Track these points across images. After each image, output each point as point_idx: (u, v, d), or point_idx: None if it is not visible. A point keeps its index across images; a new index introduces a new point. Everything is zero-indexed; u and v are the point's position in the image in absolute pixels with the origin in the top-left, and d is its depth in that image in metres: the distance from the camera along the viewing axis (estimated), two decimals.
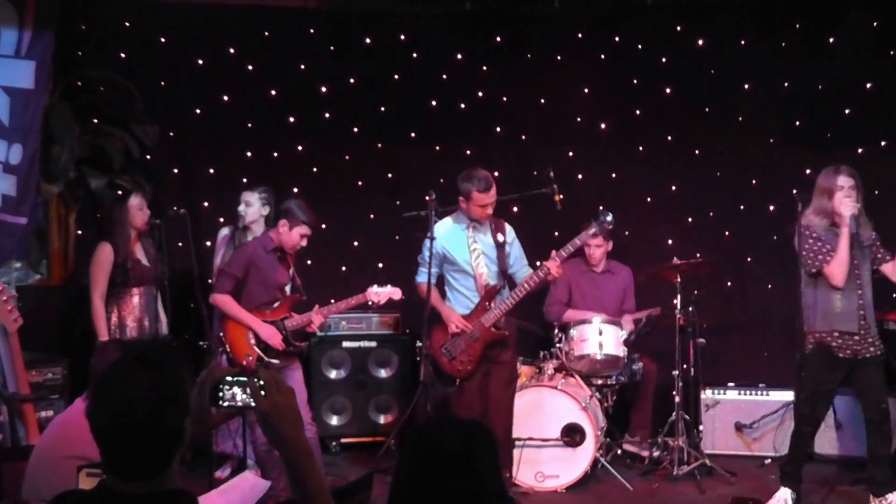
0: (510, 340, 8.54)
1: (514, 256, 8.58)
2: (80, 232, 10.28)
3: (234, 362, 8.17)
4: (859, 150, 10.62)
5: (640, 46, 10.90)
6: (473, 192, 8.25)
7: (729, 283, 10.92)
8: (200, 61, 10.67)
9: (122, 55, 10.44)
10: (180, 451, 3.13)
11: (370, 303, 8.49)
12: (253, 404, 3.18)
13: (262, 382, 3.17)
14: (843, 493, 8.81)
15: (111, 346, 8.12)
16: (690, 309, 9.59)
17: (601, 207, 8.63)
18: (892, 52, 10.47)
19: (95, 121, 10.01)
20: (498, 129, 11.17)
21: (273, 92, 10.82)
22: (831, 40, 10.53)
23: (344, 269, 10.84)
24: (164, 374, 3.09)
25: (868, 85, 10.56)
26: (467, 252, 8.43)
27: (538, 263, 8.36)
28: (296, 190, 10.12)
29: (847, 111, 10.62)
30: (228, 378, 3.23)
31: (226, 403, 3.24)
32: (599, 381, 9.64)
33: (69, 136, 9.61)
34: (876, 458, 8.11)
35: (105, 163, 9.92)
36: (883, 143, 10.60)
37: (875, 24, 10.43)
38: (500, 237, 8.49)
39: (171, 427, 3.08)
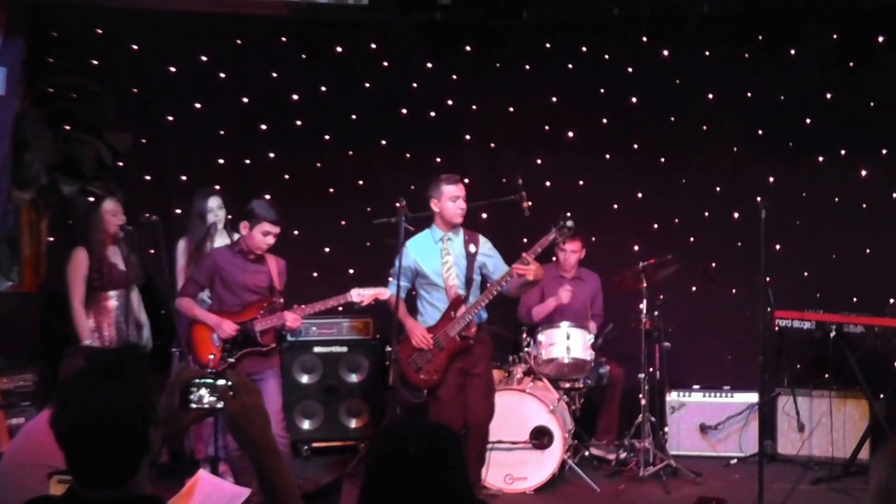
0: (484, 352, 8.54)
1: (493, 266, 8.54)
2: (51, 238, 10.27)
3: (198, 363, 8.21)
4: (820, 159, 10.84)
5: (606, 57, 11.00)
6: (443, 185, 8.32)
7: (694, 289, 11.04)
8: (172, 69, 10.66)
9: (94, 62, 10.45)
10: (148, 458, 3.14)
11: (339, 307, 8.57)
12: (221, 405, 3.20)
13: (230, 383, 3.18)
14: (805, 492, 9.00)
15: (81, 353, 8.22)
16: (656, 313, 9.75)
17: (566, 213, 8.68)
18: (850, 64, 10.65)
19: (67, 127, 10.02)
20: (467, 136, 11.27)
21: (245, 99, 10.87)
22: (792, 52, 10.71)
23: (315, 274, 10.85)
24: (127, 382, 3.08)
25: (828, 95, 10.75)
26: (439, 263, 8.43)
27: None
28: (268, 197, 10.16)
29: (808, 121, 10.81)
30: (197, 380, 3.24)
31: (194, 405, 3.24)
32: (567, 385, 9.74)
33: (41, 143, 9.62)
34: None
35: (77, 169, 9.91)
36: (843, 152, 10.80)
37: (834, 36, 10.63)
38: (471, 248, 8.47)
39: (134, 436, 3.08)
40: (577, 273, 10.30)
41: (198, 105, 10.79)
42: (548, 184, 11.03)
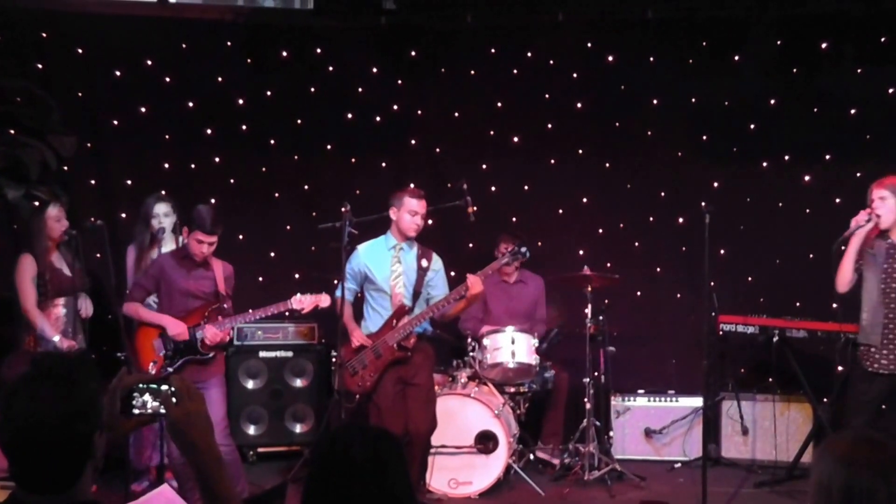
0: (424, 362, 8.52)
1: (436, 281, 8.57)
2: None
3: (140, 370, 8.12)
4: (764, 164, 10.91)
5: (551, 62, 11.03)
6: (405, 197, 8.33)
7: (638, 293, 11.06)
8: (118, 72, 10.64)
9: (39, 66, 10.40)
10: (91, 464, 3.09)
11: (286, 312, 8.51)
12: (163, 411, 3.18)
13: (173, 389, 3.17)
14: (748, 495, 9.07)
15: (23, 358, 8.14)
16: (601, 318, 9.75)
17: (523, 245, 8.74)
18: (794, 70, 10.73)
19: (12, 131, 9.94)
20: (413, 141, 11.27)
21: (190, 104, 10.84)
22: (736, 58, 10.75)
23: (261, 279, 10.84)
24: (72, 387, 3.04)
25: (772, 101, 10.82)
26: (388, 270, 8.43)
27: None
28: (213, 201, 10.13)
29: (752, 126, 10.87)
30: (140, 385, 3.21)
31: (137, 411, 3.21)
32: (512, 389, 9.74)
33: None
34: None
35: (22, 174, 9.84)
36: (787, 158, 10.87)
37: (778, 42, 10.71)
38: (423, 262, 8.49)
39: (79, 441, 3.03)
40: (519, 277, 10.32)
41: (143, 109, 10.75)
42: (493, 189, 11.09)
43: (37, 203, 9.29)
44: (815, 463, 3.28)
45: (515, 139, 11.22)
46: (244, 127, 10.98)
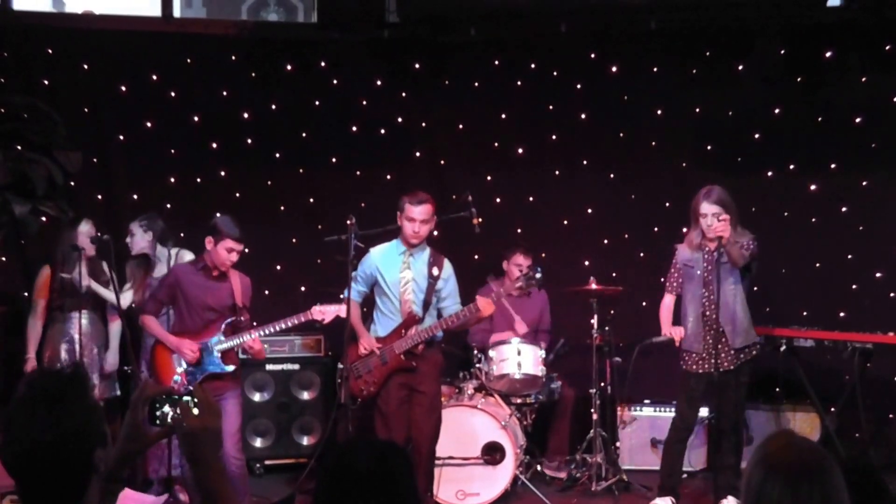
0: (431, 371, 8.48)
1: (446, 291, 8.54)
2: (3, 258, 10.26)
3: (160, 385, 8.12)
4: (769, 174, 10.90)
5: (555, 73, 11.07)
6: (405, 203, 8.30)
7: (644, 303, 11.03)
8: (123, 88, 10.67)
9: (45, 82, 10.45)
10: (97, 478, 3.11)
11: (313, 321, 8.47)
12: (181, 420, 3.20)
13: (195, 401, 3.19)
14: None
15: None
16: (606, 328, 9.76)
17: (535, 266, 8.72)
18: (798, 79, 10.75)
19: (18, 147, 9.97)
20: (417, 153, 11.29)
21: (195, 118, 10.87)
22: (740, 68, 10.79)
23: (267, 292, 10.81)
24: (67, 407, 3.05)
25: (776, 110, 10.83)
26: (397, 275, 8.40)
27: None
28: (218, 215, 10.14)
29: (756, 136, 10.86)
30: (162, 396, 3.24)
31: (161, 422, 3.24)
32: (518, 400, 9.73)
33: None
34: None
35: (28, 189, 9.88)
36: (791, 167, 10.86)
37: (782, 51, 10.74)
38: (434, 271, 8.46)
39: (79, 459, 3.05)
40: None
41: (148, 124, 10.78)
42: (498, 200, 11.09)
43: (43, 218, 9.35)
44: (751, 457, 3.31)
45: (519, 150, 11.24)
46: (249, 141, 11.02)
